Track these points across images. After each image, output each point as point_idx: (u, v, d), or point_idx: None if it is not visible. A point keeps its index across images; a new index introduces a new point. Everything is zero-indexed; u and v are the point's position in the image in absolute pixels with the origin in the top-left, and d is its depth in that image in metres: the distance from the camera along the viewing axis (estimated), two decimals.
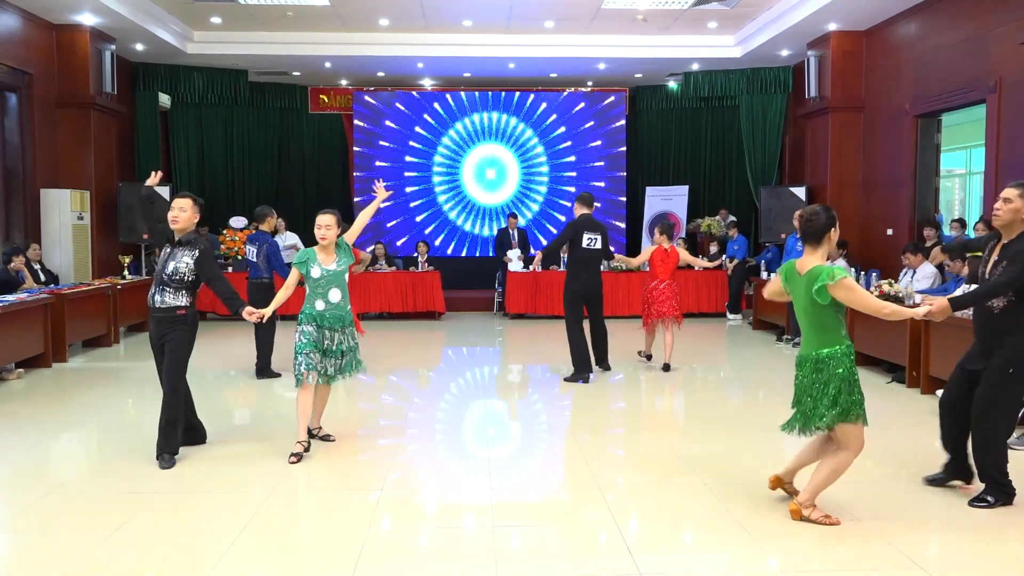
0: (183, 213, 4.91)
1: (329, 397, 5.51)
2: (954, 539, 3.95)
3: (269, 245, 7.73)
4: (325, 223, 5.10)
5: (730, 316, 12.06)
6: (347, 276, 5.20)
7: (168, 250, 4.96)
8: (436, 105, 14.83)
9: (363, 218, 5.44)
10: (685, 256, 8.43)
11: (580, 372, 7.49)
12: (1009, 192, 4.12)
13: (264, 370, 7.67)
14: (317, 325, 5.06)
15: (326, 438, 5.46)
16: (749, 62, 12.89)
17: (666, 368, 8.02)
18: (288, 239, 11.37)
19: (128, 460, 4.96)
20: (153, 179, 5.47)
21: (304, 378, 5.00)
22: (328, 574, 3.47)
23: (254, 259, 7.77)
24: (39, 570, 3.51)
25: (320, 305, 5.07)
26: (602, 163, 14.93)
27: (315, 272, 5.06)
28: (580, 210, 7.64)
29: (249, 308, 4.98)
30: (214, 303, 10.95)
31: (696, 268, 9.03)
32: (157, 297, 4.90)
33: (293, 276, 5.13)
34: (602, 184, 14.88)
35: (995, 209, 4.18)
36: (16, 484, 4.68)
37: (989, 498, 4.17)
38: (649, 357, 8.42)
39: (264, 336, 7.64)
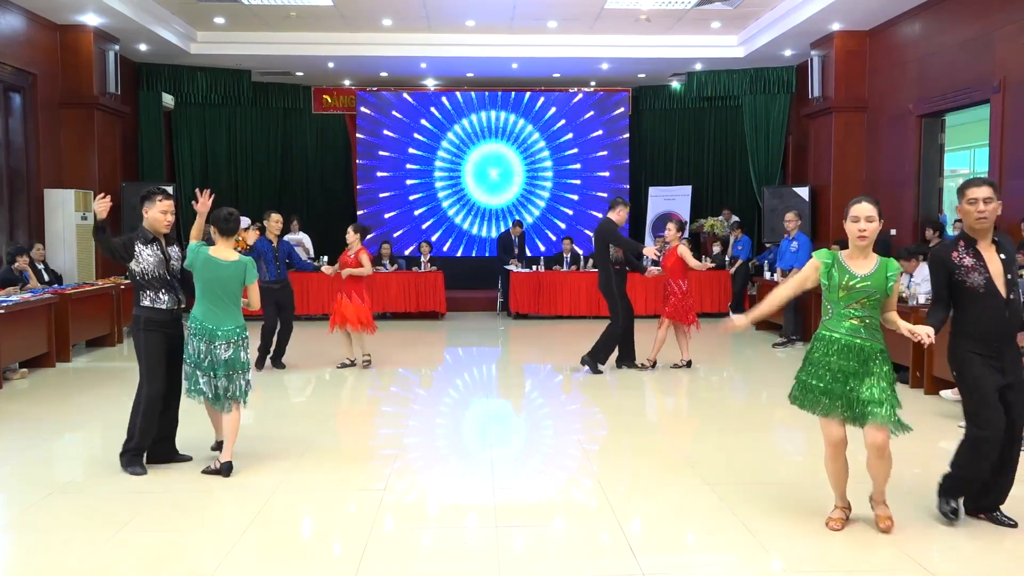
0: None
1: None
2: (957, 539, 3.93)
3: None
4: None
5: (733, 316, 12.02)
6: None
7: (157, 248, 5.09)
8: (440, 105, 14.82)
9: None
10: (686, 255, 8.20)
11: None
12: None
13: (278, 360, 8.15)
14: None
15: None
16: (752, 62, 12.88)
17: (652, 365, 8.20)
18: (297, 238, 12.07)
19: None
20: (103, 207, 4.88)
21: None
22: (331, 574, 3.48)
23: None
24: (43, 569, 3.51)
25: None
26: (605, 163, 14.91)
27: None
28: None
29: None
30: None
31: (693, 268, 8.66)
32: (169, 296, 5.14)
33: None
34: (605, 184, 14.87)
35: None
36: (20, 484, 4.69)
37: None
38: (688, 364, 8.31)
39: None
